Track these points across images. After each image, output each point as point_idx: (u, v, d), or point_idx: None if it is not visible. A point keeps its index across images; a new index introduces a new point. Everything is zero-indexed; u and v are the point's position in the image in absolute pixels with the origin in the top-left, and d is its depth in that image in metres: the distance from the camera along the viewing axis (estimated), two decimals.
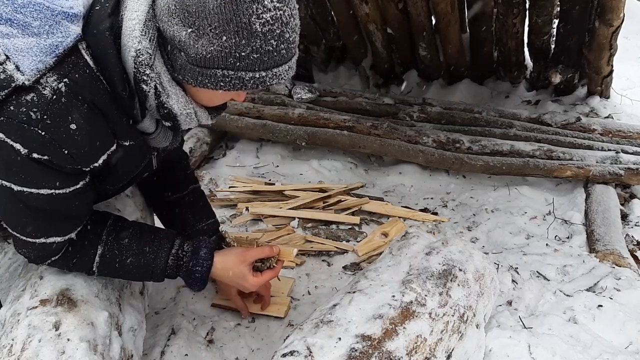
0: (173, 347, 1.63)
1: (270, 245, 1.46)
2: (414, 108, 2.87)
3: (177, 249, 1.36)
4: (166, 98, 1.13)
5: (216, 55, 1.01)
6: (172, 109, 1.14)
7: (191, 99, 1.17)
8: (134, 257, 1.31)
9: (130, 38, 1.06)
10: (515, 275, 1.90)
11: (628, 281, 1.79)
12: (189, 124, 1.20)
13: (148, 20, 1.06)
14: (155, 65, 1.09)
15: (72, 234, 1.23)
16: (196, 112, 1.19)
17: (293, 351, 1.19)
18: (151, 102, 1.14)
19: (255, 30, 0.99)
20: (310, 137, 2.68)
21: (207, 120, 1.24)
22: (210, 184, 2.55)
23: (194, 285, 1.40)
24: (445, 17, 2.75)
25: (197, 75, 1.06)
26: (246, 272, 1.41)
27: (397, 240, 1.67)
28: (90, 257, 1.28)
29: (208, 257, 1.38)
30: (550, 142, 2.55)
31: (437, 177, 2.63)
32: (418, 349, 1.24)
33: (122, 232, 1.31)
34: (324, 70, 3.49)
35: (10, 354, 1.14)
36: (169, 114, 1.16)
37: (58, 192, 1.12)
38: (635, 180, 2.34)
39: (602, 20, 2.40)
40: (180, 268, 1.37)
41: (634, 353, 1.55)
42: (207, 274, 1.38)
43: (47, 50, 1.03)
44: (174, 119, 1.17)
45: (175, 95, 1.13)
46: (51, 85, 1.03)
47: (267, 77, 1.06)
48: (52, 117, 1.03)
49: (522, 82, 3.17)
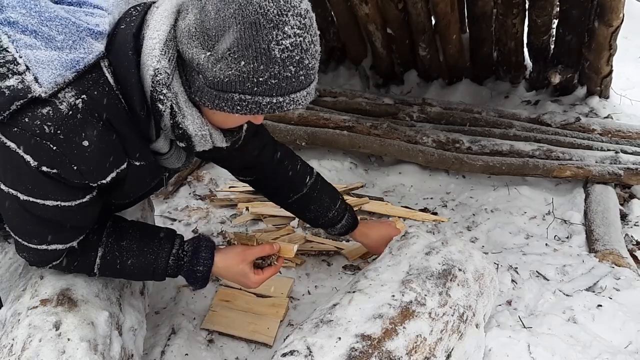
0: (173, 346, 1.64)
1: (270, 243, 1.46)
2: (413, 108, 2.88)
3: (177, 248, 1.36)
4: (182, 118, 1.12)
5: (234, 79, 1.01)
6: (187, 129, 1.14)
7: (207, 120, 1.17)
8: (134, 258, 1.30)
9: (150, 57, 1.06)
10: (514, 275, 1.90)
11: (627, 281, 1.79)
12: (203, 145, 1.19)
13: (169, 41, 1.06)
14: (173, 85, 1.09)
15: (74, 242, 1.23)
16: (211, 133, 1.18)
17: (293, 351, 1.19)
18: (166, 122, 1.13)
19: (275, 57, 0.99)
20: (310, 137, 2.69)
21: (222, 143, 1.23)
22: (210, 184, 2.55)
23: (196, 284, 1.40)
24: (445, 17, 2.75)
25: (214, 98, 1.05)
26: (247, 271, 1.41)
27: (397, 240, 1.67)
28: (91, 259, 1.28)
29: (209, 257, 1.38)
30: (549, 142, 2.55)
31: (436, 177, 2.63)
32: (418, 348, 1.24)
33: (122, 233, 1.31)
34: (324, 70, 3.50)
35: (10, 354, 1.14)
36: (184, 135, 1.15)
37: (64, 204, 1.12)
38: (634, 180, 2.34)
39: (602, 20, 2.41)
40: (181, 268, 1.37)
41: (633, 353, 1.55)
42: (208, 273, 1.38)
43: (68, 65, 1.04)
44: (188, 139, 1.16)
45: (191, 116, 1.13)
46: (68, 101, 1.03)
47: (285, 102, 1.05)
48: (66, 133, 1.03)
49: (521, 82, 3.17)
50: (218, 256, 1.39)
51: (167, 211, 2.32)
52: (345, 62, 3.48)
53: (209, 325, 1.72)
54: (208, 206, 2.38)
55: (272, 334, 1.69)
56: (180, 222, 2.26)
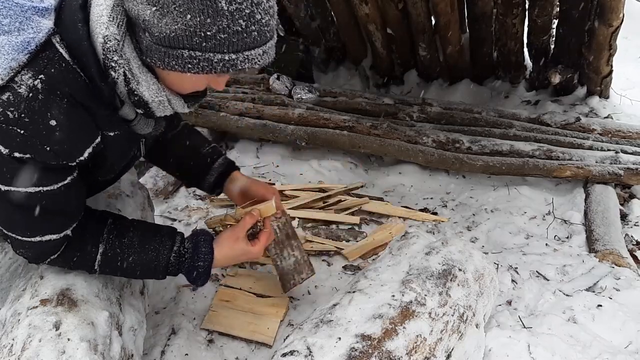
0: (173, 346, 1.64)
1: (249, 213, 1.45)
2: (413, 108, 2.88)
3: (178, 245, 1.35)
4: (136, 85, 1.10)
5: (180, 34, 0.98)
6: (142, 96, 1.12)
7: (164, 86, 1.14)
8: (136, 255, 1.30)
9: (98, 24, 1.04)
10: (514, 275, 1.90)
11: (627, 281, 1.79)
12: (162, 111, 1.17)
13: (116, 6, 1.04)
14: (124, 52, 1.07)
15: (68, 231, 1.21)
16: (169, 99, 1.16)
17: (293, 351, 1.19)
18: (121, 89, 1.11)
19: (221, 9, 0.96)
20: (310, 137, 2.69)
21: (183, 108, 1.20)
22: None
23: (197, 280, 1.39)
24: (445, 17, 2.75)
25: (163, 56, 1.02)
26: (244, 247, 1.41)
27: (397, 240, 1.67)
28: (92, 255, 1.27)
29: (209, 251, 1.37)
30: (549, 142, 2.55)
31: (436, 177, 2.63)
32: (418, 348, 1.24)
33: (123, 230, 1.31)
34: (324, 70, 3.50)
35: (10, 354, 1.14)
36: (140, 101, 1.13)
37: (46, 189, 1.10)
38: (634, 180, 2.34)
39: (602, 20, 2.41)
40: (183, 265, 1.36)
41: (633, 353, 1.55)
42: (210, 268, 1.38)
43: (19, 48, 1.02)
44: (145, 106, 1.14)
45: (146, 82, 1.10)
46: (26, 83, 1.01)
47: (238, 60, 1.02)
48: (30, 115, 1.01)
49: (521, 82, 3.17)
50: (215, 247, 1.39)
51: (167, 211, 2.32)
52: (345, 62, 3.48)
53: (209, 325, 1.72)
54: (208, 206, 2.38)
55: (272, 334, 1.68)
56: (180, 222, 2.26)
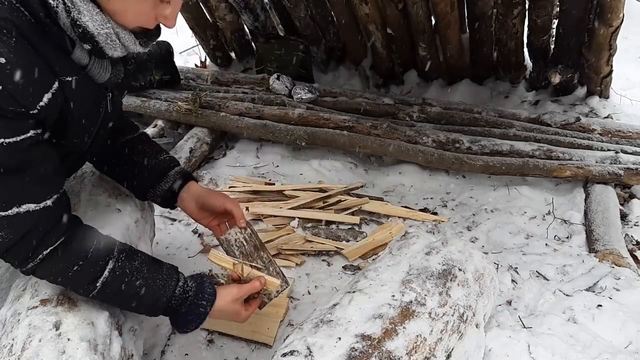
0: (173, 346, 1.64)
1: (258, 279, 1.40)
2: (413, 108, 2.88)
3: (183, 281, 1.32)
4: (77, 14, 1.05)
5: None
6: (86, 27, 1.07)
7: (109, 17, 1.09)
8: (143, 280, 1.25)
9: None
10: (514, 275, 1.90)
11: (627, 281, 1.79)
12: (112, 47, 1.12)
13: None
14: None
15: (49, 202, 1.12)
16: (117, 33, 1.11)
17: (293, 351, 1.19)
18: (64, 20, 1.06)
19: None
20: (310, 137, 2.69)
21: (134, 45, 1.15)
22: (210, 184, 2.55)
23: (192, 323, 1.33)
24: (445, 17, 2.75)
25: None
26: (239, 309, 1.38)
27: (396, 240, 1.67)
28: (98, 269, 1.20)
29: (212, 294, 1.33)
30: (549, 142, 2.55)
31: (436, 177, 2.63)
32: (418, 348, 1.24)
33: (132, 254, 1.27)
34: (324, 70, 3.50)
35: (10, 354, 1.14)
36: (85, 34, 1.08)
37: (8, 140, 1.02)
38: (634, 180, 2.34)
39: (602, 20, 2.41)
40: (186, 301, 1.31)
41: (633, 353, 1.55)
42: (210, 309, 1.33)
43: None
44: (91, 40, 1.09)
45: (88, 12, 1.06)
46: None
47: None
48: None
49: (521, 82, 3.17)
50: (218, 295, 1.34)
51: (167, 211, 2.31)
52: (345, 62, 3.48)
53: (209, 326, 1.72)
54: None
55: (272, 334, 1.69)
56: (180, 222, 2.26)
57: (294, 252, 2.07)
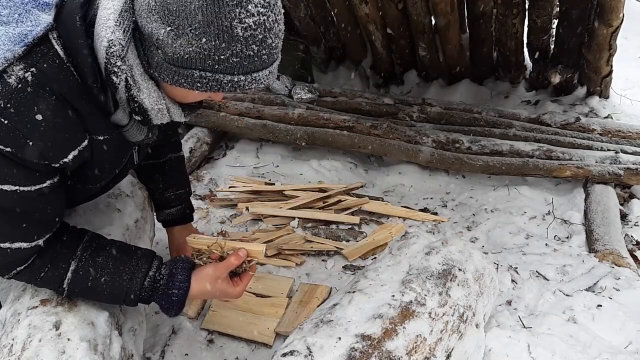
0: (173, 346, 1.64)
1: (236, 252, 1.35)
2: (413, 108, 2.88)
3: (154, 271, 1.28)
4: (137, 92, 1.09)
5: (194, 56, 0.99)
6: (142, 103, 1.11)
7: (164, 94, 1.14)
8: (108, 276, 1.23)
9: (104, 28, 1.03)
10: (514, 275, 1.90)
11: (627, 281, 1.79)
12: (160, 119, 1.17)
13: (124, 12, 1.04)
14: (128, 58, 1.06)
15: (40, 241, 1.15)
16: (169, 108, 1.16)
17: (293, 351, 1.19)
18: (121, 95, 1.10)
19: (237, 35, 0.97)
20: (310, 137, 2.69)
21: (180, 117, 1.20)
22: (210, 184, 2.55)
23: (170, 310, 1.30)
24: (445, 17, 2.75)
25: (173, 74, 1.03)
26: (225, 287, 1.34)
27: (396, 240, 1.67)
28: (61, 272, 1.20)
29: (185, 279, 1.29)
30: (549, 142, 2.55)
31: (436, 177, 2.63)
32: (418, 348, 1.24)
33: (99, 249, 1.25)
34: (324, 70, 3.50)
35: (10, 354, 1.14)
36: (140, 108, 1.12)
37: (23, 189, 1.06)
38: (634, 180, 2.34)
39: (602, 20, 2.41)
40: (156, 291, 1.28)
41: (633, 353, 1.55)
42: (184, 297, 1.30)
43: (16, 40, 1.00)
44: (144, 113, 1.13)
45: (147, 89, 1.10)
46: (17, 74, 1.00)
47: (246, 81, 1.04)
48: (16, 107, 0.99)
49: (521, 82, 3.17)
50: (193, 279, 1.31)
51: None
52: (345, 62, 3.48)
53: (209, 325, 1.72)
54: (208, 206, 2.38)
55: (272, 334, 1.69)
56: None
57: (294, 252, 2.07)
